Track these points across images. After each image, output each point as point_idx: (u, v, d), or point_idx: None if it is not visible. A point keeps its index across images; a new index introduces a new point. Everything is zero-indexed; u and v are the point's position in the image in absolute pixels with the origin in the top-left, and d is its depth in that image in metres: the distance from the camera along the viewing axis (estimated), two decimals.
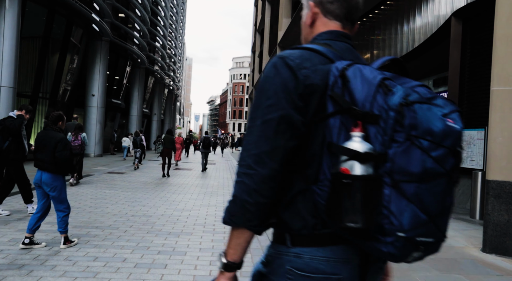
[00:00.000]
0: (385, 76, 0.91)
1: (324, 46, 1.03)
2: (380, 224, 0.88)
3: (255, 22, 45.21)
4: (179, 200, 7.62)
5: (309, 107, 0.96)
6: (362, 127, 0.89)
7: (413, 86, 0.93)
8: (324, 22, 1.12)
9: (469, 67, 9.14)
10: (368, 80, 0.91)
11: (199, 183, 10.71)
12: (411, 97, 0.87)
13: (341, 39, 1.10)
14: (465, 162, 8.71)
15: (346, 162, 0.88)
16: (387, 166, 0.86)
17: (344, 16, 1.11)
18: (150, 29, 30.81)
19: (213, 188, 9.76)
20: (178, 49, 50.05)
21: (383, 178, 0.87)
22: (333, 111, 0.93)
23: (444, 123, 0.87)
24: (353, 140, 0.89)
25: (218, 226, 5.50)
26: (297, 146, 0.97)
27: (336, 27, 1.11)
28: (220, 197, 8.37)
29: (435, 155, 0.86)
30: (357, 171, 0.86)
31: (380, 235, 0.88)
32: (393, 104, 0.86)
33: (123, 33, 24.39)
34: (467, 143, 8.80)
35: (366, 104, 0.89)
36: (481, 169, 8.11)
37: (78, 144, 8.75)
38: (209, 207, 7.05)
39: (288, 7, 25.22)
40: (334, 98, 0.93)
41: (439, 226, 0.91)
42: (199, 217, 6.09)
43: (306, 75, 0.96)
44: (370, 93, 0.89)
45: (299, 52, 1.00)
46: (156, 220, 5.72)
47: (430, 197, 0.87)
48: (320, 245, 0.96)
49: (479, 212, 7.11)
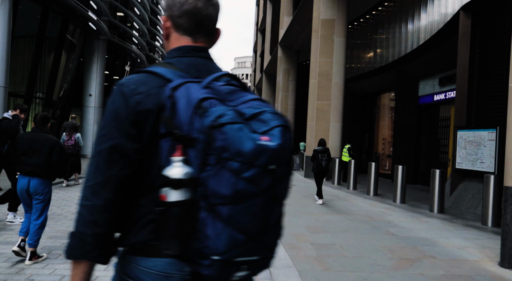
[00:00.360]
0: (206, 96, 0.90)
1: (164, 66, 1.02)
2: (197, 248, 0.89)
3: (257, 21, 44.86)
4: None
5: (144, 133, 0.96)
6: (184, 151, 0.90)
7: (244, 101, 0.94)
8: (176, 37, 1.10)
9: (478, 64, 8.64)
10: (190, 101, 0.91)
11: None
12: (223, 119, 0.86)
13: (191, 54, 1.08)
14: (475, 164, 8.22)
15: (163, 188, 0.89)
16: (201, 190, 0.87)
17: (194, 29, 1.08)
18: (149, 28, 30.44)
19: None
20: None
21: (199, 202, 0.88)
22: (160, 135, 0.95)
23: (254, 143, 0.86)
24: (173, 165, 0.90)
25: None
26: (132, 173, 0.97)
27: (187, 42, 1.09)
28: None
29: (247, 175, 0.86)
30: (172, 197, 0.88)
31: (199, 259, 0.90)
32: (203, 127, 0.87)
33: (121, 32, 24.01)
34: (477, 144, 8.31)
35: (186, 127, 0.90)
36: (492, 171, 7.62)
37: (71, 143, 8.83)
38: None
39: (289, 5, 24.76)
40: (164, 121, 0.94)
41: (263, 244, 0.93)
42: None
43: (138, 101, 0.96)
44: (189, 114, 0.90)
45: (137, 77, 1.00)
46: None
47: (247, 217, 0.88)
48: (145, 255, 0.96)
49: (491, 219, 6.61)
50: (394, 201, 8.99)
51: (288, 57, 25.93)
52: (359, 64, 18.54)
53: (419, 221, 6.88)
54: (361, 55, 18.43)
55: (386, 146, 17.22)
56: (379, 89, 17.72)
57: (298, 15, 19.50)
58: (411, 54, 13.34)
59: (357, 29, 19.05)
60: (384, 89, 17.31)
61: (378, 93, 18.13)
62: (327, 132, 14.52)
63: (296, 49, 25.78)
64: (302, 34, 22.16)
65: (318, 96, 14.74)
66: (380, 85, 17.12)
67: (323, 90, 14.72)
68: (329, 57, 14.81)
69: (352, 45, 19.21)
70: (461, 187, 8.63)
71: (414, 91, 14.07)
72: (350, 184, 11.23)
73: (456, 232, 6.01)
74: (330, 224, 6.21)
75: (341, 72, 14.74)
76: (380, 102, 18.29)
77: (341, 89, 14.69)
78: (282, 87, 25.65)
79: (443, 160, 12.55)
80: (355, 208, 7.97)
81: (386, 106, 17.76)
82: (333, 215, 7.07)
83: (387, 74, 15.36)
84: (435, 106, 13.21)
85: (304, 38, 21.97)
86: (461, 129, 8.73)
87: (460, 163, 8.66)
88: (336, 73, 14.72)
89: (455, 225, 6.61)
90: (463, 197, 8.38)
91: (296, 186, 11.36)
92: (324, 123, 14.57)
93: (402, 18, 14.52)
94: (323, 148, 8.45)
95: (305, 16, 18.76)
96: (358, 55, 18.73)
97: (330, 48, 14.82)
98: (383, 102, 18.03)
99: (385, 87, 16.96)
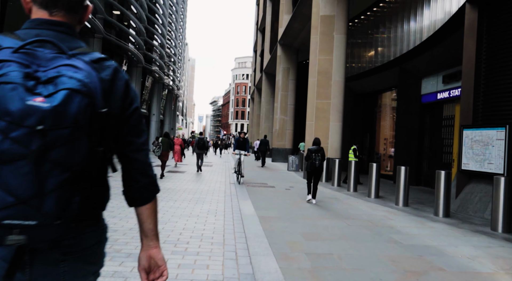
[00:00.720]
0: (3, 58, 0.92)
1: (6, 35, 1.03)
2: None
3: (257, 21, 44.44)
4: (164, 209, 6.73)
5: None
6: None
7: (55, 66, 0.95)
8: (35, 10, 1.11)
9: (486, 59, 8.17)
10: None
11: (187, 188, 9.81)
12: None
13: (42, 27, 1.08)
14: (482, 165, 7.74)
15: None
16: None
17: (50, 3, 1.09)
18: (147, 27, 30.00)
19: (202, 194, 8.86)
20: (178, 49, 49.24)
21: None
22: None
23: (23, 103, 0.86)
24: None
25: (192, 245, 4.59)
26: None
27: (43, 15, 1.10)
28: (207, 204, 7.47)
29: (14, 135, 0.86)
30: None
31: None
32: None
33: (118, 30, 23.58)
34: (485, 144, 7.84)
35: None
36: (502, 173, 7.15)
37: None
38: (189, 218, 6.14)
39: (289, 2, 24.32)
40: None
41: (40, 209, 0.91)
42: (173, 231, 5.18)
43: None
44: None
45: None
46: (121, 235, 4.82)
47: (16, 178, 0.88)
48: None
49: (502, 224, 6.14)
50: (396, 204, 8.53)
51: (288, 56, 25.48)
52: (360, 62, 18.06)
53: (424, 226, 6.42)
54: (362, 53, 17.96)
55: (388, 146, 16.75)
56: (381, 88, 17.24)
57: (298, 12, 19.05)
58: (413, 51, 12.87)
59: (358, 27, 18.57)
60: (385, 88, 16.83)
61: (380, 92, 17.65)
62: (326, 132, 14.05)
63: (295, 47, 25.33)
64: (302, 32, 21.72)
65: (318, 95, 14.27)
66: (382, 83, 16.64)
67: (323, 88, 14.25)
68: (329, 55, 14.34)
69: (353, 43, 18.74)
70: (468, 189, 8.16)
71: (416, 90, 13.59)
72: (350, 185, 10.75)
73: (465, 239, 5.54)
74: (327, 230, 5.74)
75: (341, 70, 14.27)
76: (382, 101, 17.81)
77: (341, 87, 14.22)
78: (281, 86, 25.18)
79: (447, 161, 12.08)
80: (355, 211, 7.51)
81: (387, 105, 17.28)
82: (331, 219, 6.61)
83: (388, 72, 14.88)
84: (438, 105, 12.74)
85: (304, 36, 21.52)
86: (467, 128, 8.26)
87: (466, 163, 8.19)
88: (336, 71, 14.25)
89: (463, 230, 6.14)
90: (469, 199, 7.91)
91: (294, 188, 10.90)
92: (324, 123, 14.10)
93: (404, 14, 14.05)
94: (318, 147, 8.39)
95: (304, 13, 18.31)
96: (359, 53, 18.26)
97: (330, 45, 14.36)
98: (385, 101, 17.54)
99: (387, 86, 16.49)
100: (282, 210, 7.29)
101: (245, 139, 12.34)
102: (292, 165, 17.65)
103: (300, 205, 7.99)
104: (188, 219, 6.02)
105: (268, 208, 7.42)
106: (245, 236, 5.11)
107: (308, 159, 8.39)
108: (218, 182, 11.71)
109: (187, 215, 6.30)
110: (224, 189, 10.04)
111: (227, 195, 8.88)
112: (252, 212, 6.91)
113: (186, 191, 9.17)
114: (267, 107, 31.33)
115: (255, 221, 6.07)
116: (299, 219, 6.50)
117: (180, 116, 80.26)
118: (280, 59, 25.52)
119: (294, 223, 6.15)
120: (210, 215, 6.44)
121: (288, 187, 11.01)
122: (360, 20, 18.31)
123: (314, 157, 8.22)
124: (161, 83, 38.06)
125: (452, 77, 11.63)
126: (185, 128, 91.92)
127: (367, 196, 9.69)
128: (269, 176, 14.48)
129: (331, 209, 7.65)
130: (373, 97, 18.38)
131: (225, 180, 12.41)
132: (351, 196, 9.71)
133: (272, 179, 13.32)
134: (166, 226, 5.42)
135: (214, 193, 9.21)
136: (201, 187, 10.12)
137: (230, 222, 5.93)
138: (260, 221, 6.10)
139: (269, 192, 9.83)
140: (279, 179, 13.27)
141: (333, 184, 11.97)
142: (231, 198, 8.45)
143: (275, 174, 15.63)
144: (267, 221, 6.18)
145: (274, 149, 24.49)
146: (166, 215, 6.24)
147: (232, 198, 8.46)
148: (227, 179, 12.79)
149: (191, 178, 12.53)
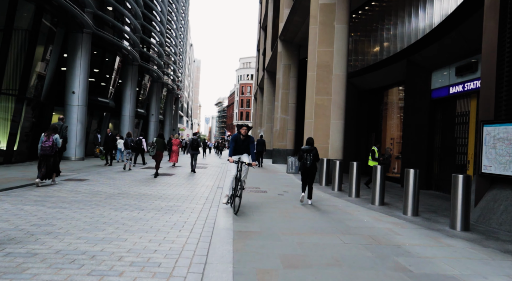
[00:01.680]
0: None
1: None
2: None
3: (260, 19, 43.31)
4: (121, 222, 5.56)
5: None
6: None
7: None
8: None
9: (510, 43, 6.91)
10: None
11: (165, 194, 8.63)
12: None
13: None
14: (508, 168, 6.47)
15: None
16: None
17: None
18: (143, 24, 28.97)
19: (178, 201, 7.68)
20: (178, 48, 48.22)
21: None
22: None
23: None
24: None
25: (125, 279, 3.40)
26: None
27: None
28: (177, 215, 6.28)
29: None
30: None
31: None
32: None
33: (110, 26, 22.55)
34: (510, 142, 6.56)
35: None
36: None
37: (49, 144, 8.90)
38: (145, 234, 4.96)
39: None
40: None
41: None
42: (112, 255, 3.99)
43: None
44: None
45: None
46: (76, 255, 3.65)
47: None
48: None
49: None
50: (404, 213, 7.27)
51: (289, 52, 24.25)
52: (364, 56, 16.77)
53: (439, 244, 5.17)
54: (366, 45, 16.66)
55: (395, 146, 15.43)
56: (387, 84, 15.92)
57: (297, 2, 17.83)
58: (422, 40, 11.57)
59: (362, 18, 17.29)
60: (392, 83, 15.52)
61: (386, 88, 16.33)
62: (327, 130, 12.81)
63: (296, 43, 24.11)
64: (302, 26, 20.49)
65: (317, 90, 13.04)
66: (388, 79, 15.34)
67: (323, 83, 13.02)
68: (329, 47, 13.11)
69: (356, 35, 17.46)
70: (490, 196, 6.88)
71: (426, 84, 12.29)
72: (352, 190, 9.50)
73: (494, 265, 4.28)
74: (316, 251, 4.52)
75: (343, 63, 13.02)
76: (388, 98, 16.48)
77: (343, 82, 12.98)
78: (282, 84, 23.95)
79: (461, 162, 10.77)
80: (355, 223, 6.27)
81: (394, 102, 15.96)
82: (324, 235, 5.38)
83: (395, 66, 13.59)
84: (451, 101, 11.43)
85: (305, 30, 20.30)
86: (488, 124, 6.99)
87: (487, 166, 6.91)
88: (337, 64, 13.01)
89: (489, 250, 4.88)
90: (492, 209, 6.63)
91: (289, 193, 9.68)
92: (324, 121, 12.86)
93: (412, 1, 12.75)
94: (310, 147, 8.07)
95: (304, 4, 17.09)
96: (363, 46, 16.96)
97: (331, 36, 13.12)
98: (391, 98, 16.22)
99: (393, 81, 15.18)
100: (266, 221, 6.08)
101: (249, 138, 7.46)
102: (292, 166, 16.43)
103: (290, 214, 6.77)
104: (143, 236, 4.83)
105: (250, 219, 6.22)
106: (206, 261, 3.92)
107: (300, 159, 8.11)
108: (204, 186, 10.52)
109: (145, 230, 5.12)
110: (207, 194, 8.85)
111: (208, 203, 7.70)
112: (229, 224, 5.71)
113: (161, 197, 8.00)
114: (269, 107, 30.11)
115: (227, 239, 4.87)
116: (284, 234, 5.29)
117: (184, 117, 79.25)
118: (281, 55, 24.31)
119: (276, 240, 4.94)
120: (174, 229, 5.25)
121: (282, 192, 9.78)
122: (364, 11, 17.03)
123: (305, 156, 7.97)
124: (160, 82, 37.01)
125: (467, 68, 10.32)
126: (189, 130, 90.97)
127: (371, 203, 8.44)
128: (265, 178, 13.26)
129: (326, 220, 6.41)
130: (378, 93, 17.07)
131: (213, 183, 11.22)
132: (352, 203, 8.46)
133: (267, 182, 12.10)
134: (107, 248, 4.22)
135: (193, 199, 8.02)
136: (181, 192, 8.94)
137: (194, 240, 4.74)
138: (234, 238, 4.91)
139: (259, 198, 8.63)
140: (274, 183, 12.05)
141: (333, 188, 10.72)
142: (210, 206, 7.26)
143: (272, 176, 14.40)
144: (243, 237, 4.98)
145: (274, 150, 23.26)
146: (119, 230, 5.06)
147: (212, 206, 7.27)
148: (216, 182, 11.60)
149: (176, 181, 11.36)
